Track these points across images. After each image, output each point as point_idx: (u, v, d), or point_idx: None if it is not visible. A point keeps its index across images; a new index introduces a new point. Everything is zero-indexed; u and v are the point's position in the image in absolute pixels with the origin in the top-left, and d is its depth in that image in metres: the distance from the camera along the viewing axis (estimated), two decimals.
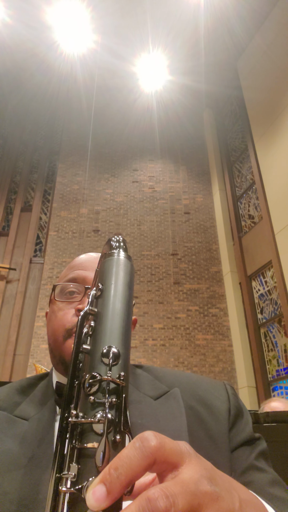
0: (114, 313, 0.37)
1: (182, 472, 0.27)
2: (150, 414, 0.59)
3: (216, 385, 0.68)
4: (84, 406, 0.32)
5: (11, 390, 0.67)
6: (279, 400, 2.25)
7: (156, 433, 0.27)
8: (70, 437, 0.31)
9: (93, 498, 0.25)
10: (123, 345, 0.35)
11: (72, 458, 0.30)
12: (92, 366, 0.34)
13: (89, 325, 0.37)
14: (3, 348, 6.88)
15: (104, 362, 0.33)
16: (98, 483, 0.25)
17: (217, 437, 0.58)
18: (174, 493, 0.24)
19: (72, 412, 0.32)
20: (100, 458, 0.28)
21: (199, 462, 0.28)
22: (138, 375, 0.70)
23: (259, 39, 7.73)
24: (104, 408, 0.31)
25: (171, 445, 0.27)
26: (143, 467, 0.26)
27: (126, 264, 0.42)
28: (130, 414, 0.59)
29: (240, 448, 0.59)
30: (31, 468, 0.51)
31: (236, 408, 0.64)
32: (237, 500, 0.28)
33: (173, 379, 0.68)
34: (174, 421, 0.58)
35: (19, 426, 0.58)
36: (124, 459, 0.26)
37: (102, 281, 0.41)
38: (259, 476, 0.55)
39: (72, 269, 0.71)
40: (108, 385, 0.32)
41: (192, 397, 0.64)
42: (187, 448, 0.29)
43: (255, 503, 0.32)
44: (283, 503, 0.49)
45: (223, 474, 0.30)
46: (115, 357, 0.33)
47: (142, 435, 0.27)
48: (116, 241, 0.45)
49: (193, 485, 0.25)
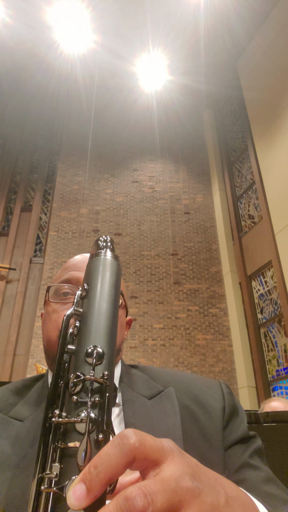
0: (99, 313, 0.37)
1: (163, 469, 0.26)
2: (144, 413, 0.60)
3: (211, 384, 0.69)
4: (68, 406, 0.32)
5: (6, 391, 0.67)
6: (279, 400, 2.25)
7: (136, 431, 0.27)
8: (53, 437, 0.31)
9: (73, 497, 0.25)
10: (108, 344, 0.35)
11: (54, 458, 0.30)
12: (76, 366, 0.34)
13: (74, 326, 0.38)
14: (3, 348, 6.88)
15: (88, 362, 0.33)
16: (78, 482, 0.25)
17: (211, 435, 0.59)
18: (152, 491, 0.24)
19: (55, 412, 0.32)
20: (81, 457, 0.28)
21: (181, 458, 0.28)
22: (133, 375, 0.70)
23: (259, 39, 7.73)
24: (86, 408, 0.31)
25: (152, 442, 0.27)
26: (123, 464, 0.26)
27: (113, 264, 0.42)
28: (124, 413, 0.60)
29: (235, 446, 0.59)
30: (22, 468, 0.51)
31: (231, 407, 0.65)
32: (223, 496, 0.28)
33: (168, 378, 0.68)
34: (168, 420, 0.58)
35: (13, 427, 0.58)
36: (104, 457, 0.26)
37: (88, 281, 0.41)
38: (253, 474, 0.55)
39: (67, 270, 0.71)
40: (91, 385, 0.32)
41: (187, 396, 0.64)
42: (170, 445, 0.28)
43: (243, 499, 0.32)
44: (277, 501, 0.49)
45: (209, 471, 0.30)
46: (99, 356, 0.33)
47: (122, 432, 0.27)
48: (103, 241, 0.45)
49: (173, 482, 0.25)
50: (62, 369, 0.36)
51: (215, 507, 0.27)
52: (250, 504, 0.33)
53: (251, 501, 0.34)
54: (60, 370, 0.36)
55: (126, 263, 7.71)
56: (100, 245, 0.45)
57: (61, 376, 0.36)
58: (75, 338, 0.37)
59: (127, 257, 7.79)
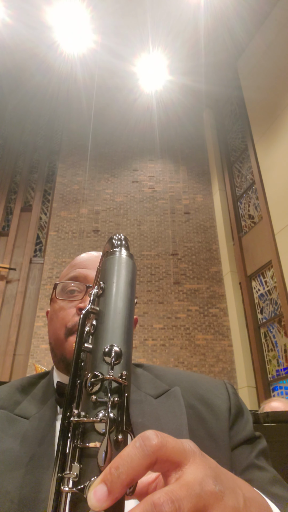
0: (116, 311, 0.37)
1: (186, 472, 0.26)
2: (151, 413, 0.59)
3: (217, 384, 0.69)
4: (86, 406, 0.32)
5: (11, 389, 0.66)
6: (279, 400, 2.25)
7: (158, 432, 0.27)
8: (72, 437, 0.31)
9: (95, 498, 0.25)
10: (125, 343, 0.35)
11: (74, 457, 0.30)
12: (94, 365, 0.33)
13: (90, 324, 0.37)
14: (3, 348, 6.88)
15: (106, 361, 0.33)
16: (99, 483, 0.25)
17: (217, 435, 0.58)
18: (179, 497, 0.24)
19: (74, 411, 0.32)
20: (102, 458, 0.28)
21: (203, 460, 0.28)
22: (139, 374, 0.70)
23: (259, 39, 7.72)
24: (106, 408, 0.30)
25: (174, 443, 0.27)
26: (144, 466, 0.25)
27: (128, 263, 0.42)
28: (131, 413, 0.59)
29: (241, 447, 0.59)
30: (32, 467, 0.50)
31: (237, 407, 0.64)
32: (242, 498, 0.28)
33: (174, 377, 0.68)
34: (174, 419, 0.58)
35: (19, 425, 0.57)
36: (125, 458, 0.25)
37: (104, 279, 0.40)
38: (260, 475, 0.55)
39: (74, 268, 0.71)
40: (110, 384, 0.32)
41: (193, 395, 0.64)
42: (191, 447, 0.28)
43: (259, 500, 0.32)
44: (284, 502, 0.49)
45: (227, 472, 0.30)
46: (117, 356, 0.33)
47: (143, 434, 0.27)
48: (118, 239, 0.45)
49: (198, 487, 0.25)
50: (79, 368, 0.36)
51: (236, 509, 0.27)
52: (265, 505, 0.33)
53: (265, 502, 0.34)
54: (77, 368, 0.36)
55: None
56: (115, 244, 0.44)
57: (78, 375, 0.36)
58: (91, 337, 0.36)
59: None
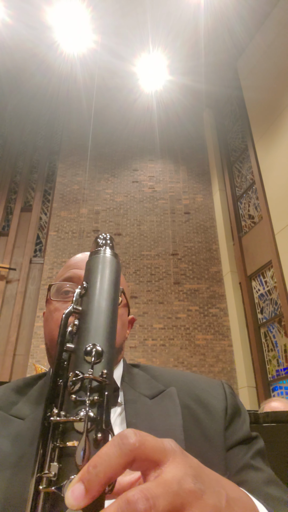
0: (98, 311, 0.37)
1: (165, 470, 0.26)
2: (145, 413, 0.59)
3: (214, 384, 0.68)
4: (67, 405, 0.32)
5: (7, 390, 0.66)
6: (279, 400, 2.25)
7: (136, 431, 0.27)
8: (52, 436, 0.31)
9: (72, 496, 0.24)
10: (108, 343, 0.35)
11: (53, 457, 0.30)
12: (75, 364, 0.34)
13: (73, 324, 0.37)
14: (3, 348, 6.88)
15: (86, 360, 0.33)
16: (76, 482, 0.25)
17: (212, 436, 0.58)
18: (154, 495, 0.24)
19: (54, 411, 0.32)
20: (80, 457, 0.28)
21: (184, 459, 0.28)
22: (135, 374, 0.70)
23: (259, 39, 7.72)
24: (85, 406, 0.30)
25: (153, 442, 0.27)
26: (122, 464, 0.25)
27: (112, 262, 0.42)
28: (126, 413, 0.59)
29: (237, 447, 0.59)
30: (21, 467, 0.50)
31: (233, 407, 0.64)
32: (224, 497, 0.28)
33: (170, 378, 0.68)
34: (169, 420, 0.58)
35: (14, 425, 0.57)
36: (103, 457, 0.25)
37: (87, 279, 0.40)
38: (255, 475, 0.54)
39: (68, 268, 0.71)
40: (90, 383, 0.32)
41: (189, 396, 0.63)
42: (172, 446, 0.28)
43: (244, 501, 0.31)
44: (278, 502, 0.48)
45: (211, 472, 0.30)
46: (98, 355, 0.33)
47: (122, 432, 0.27)
48: (103, 238, 0.45)
49: (175, 485, 0.25)
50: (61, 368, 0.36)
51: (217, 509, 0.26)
52: (250, 505, 0.33)
53: (251, 502, 0.34)
54: (59, 368, 0.36)
55: (126, 263, 7.71)
56: (100, 243, 0.44)
57: (60, 374, 0.36)
58: (74, 336, 0.37)
59: (127, 257, 7.79)
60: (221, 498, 0.27)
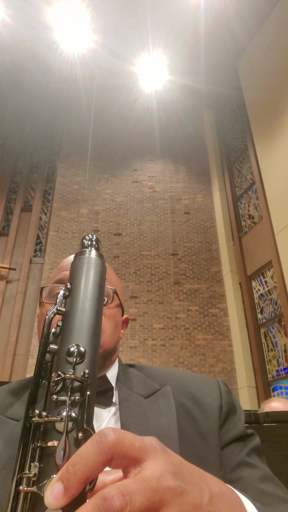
0: (82, 311, 0.37)
1: (144, 468, 0.26)
2: (140, 412, 0.60)
3: (209, 382, 0.69)
4: (48, 406, 0.32)
5: (2, 392, 0.67)
6: (279, 400, 2.25)
7: (115, 429, 0.27)
8: (33, 437, 0.31)
9: (51, 496, 0.24)
10: (91, 343, 0.35)
11: (34, 457, 0.30)
12: (57, 365, 0.34)
13: (57, 325, 0.37)
14: (3, 348, 6.88)
15: (69, 361, 0.33)
16: (56, 481, 0.25)
17: (207, 434, 0.58)
18: (131, 491, 0.24)
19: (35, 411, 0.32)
20: (60, 456, 0.28)
21: (164, 456, 0.28)
22: (130, 374, 0.70)
23: (259, 39, 7.72)
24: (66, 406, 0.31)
25: (132, 440, 0.27)
26: (100, 462, 0.25)
27: (97, 263, 0.42)
28: (120, 412, 0.60)
29: (232, 445, 0.59)
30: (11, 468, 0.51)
31: (229, 405, 0.64)
32: (207, 493, 0.28)
33: (166, 377, 0.68)
34: (163, 418, 0.58)
35: (9, 427, 0.58)
36: (82, 456, 0.25)
37: (71, 280, 0.41)
38: (250, 472, 0.55)
39: (59, 271, 0.71)
40: (71, 383, 0.32)
41: (184, 394, 0.64)
42: (153, 443, 0.28)
43: (228, 496, 0.31)
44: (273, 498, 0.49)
45: (194, 468, 0.30)
46: (81, 355, 0.33)
47: (101, 431, 0.27)
48: (89, 239, 0.45)
49: (154, 481, 0.25)
50: (44, 369, 0.36)
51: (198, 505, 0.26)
52: (235, 500, 0.33)
53: (237, 497, 0.34)
54: (41, 369, 0.36)
55: (126, 263, 7.71)
56: (85, 244, 0.44)
57: (43, 376, 0.36)
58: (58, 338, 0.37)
59: (127, 257, 7.79)
60: (202, 495, 0.27)
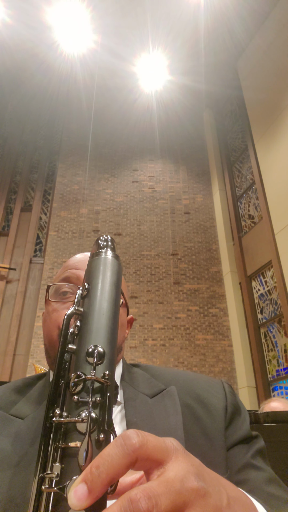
0: (100, 312, 0.37)
1: (167, 469, 0.26)
2: (146, 412, 0.59)
3: (214, 383, 0.68)
4: (69, 406, 0.32)
5: (7, 389, 0.67)
6: (279, 400, 2.25)
7: (138, 431, 0.27)
8: (54, 437, 0.31)
9: (75, 497, 0.25)
10: (109, 344, 0.35)
11: (55, 457, 0.30)
12: (77, 365, 0.34)
13: (75, 325, 0.38)
14: (3, 348, 6.88)
15: (88, 361, 0.33)
16: (79, 482, 0.25)
17: (213, 435, 0.58)
18: (157, 493, 0.24)
19: (56, 411, 0.32)
20: (83, 457, 0.28)
21: (186, 458, 0.28)
22: (135, 374, 0.70)
23: (259, 39, 7.72)
24: (87, 407, 0.31)
25: (155, 442, 0.27)
26: (125, 465, 0.25)
27: (113, 264, 0.42)
28: (126, 412, 0.60)
29: (237, 446, 0.59)
30: (23, 466, 0.50)
31: (233, 406, 0.64)
32: (225, 496, 0.28)
33: (170, 377, 0.68)
34: (169, 419, 0.58)
35: (14, 425, 0.57)
36: (106, 457, 0.25)
37: (88, 280, 0.41)
38: (256, 474, 0.54)
39: (66, 269, 0.71)
40: (92, 384, 0.32)
41: (189, 395, 0.64)
42: (174, 445, 0.28)
43: (243, 500, 0.32)
44: (279, 501, 0.49)
45: (211, 471, 0.30)
46: (100, 356, 0.33)
47: (124, 433, 0.27)
48: (104, 240, 0.45)
49: (178, 483, 0.25)
50: (63, 369, 0.36)
51: (218, 508, 0.26)
52: (249, 505, 0.33)
53: (250, 502, 0.34)
54: (61, 369, 0.36)
55: (126, 263, 7.71)
56: (101, 245, 0.45)
57: (61, 375, 0.36)
58: (75, 338, 0.37)
59: (127, 257, 7.79)
60: (222, 497, 0.27)
